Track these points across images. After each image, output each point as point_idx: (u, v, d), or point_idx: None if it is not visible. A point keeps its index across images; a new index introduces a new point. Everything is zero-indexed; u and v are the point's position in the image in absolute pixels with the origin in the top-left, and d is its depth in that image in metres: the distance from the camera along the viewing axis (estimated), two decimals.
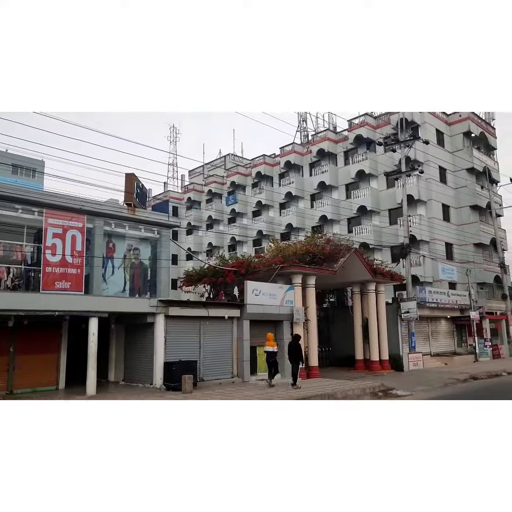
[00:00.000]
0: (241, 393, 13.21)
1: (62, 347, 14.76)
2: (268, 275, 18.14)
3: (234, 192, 41.49)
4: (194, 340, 15.80)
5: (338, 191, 34.00)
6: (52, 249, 14.09)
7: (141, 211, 17.04)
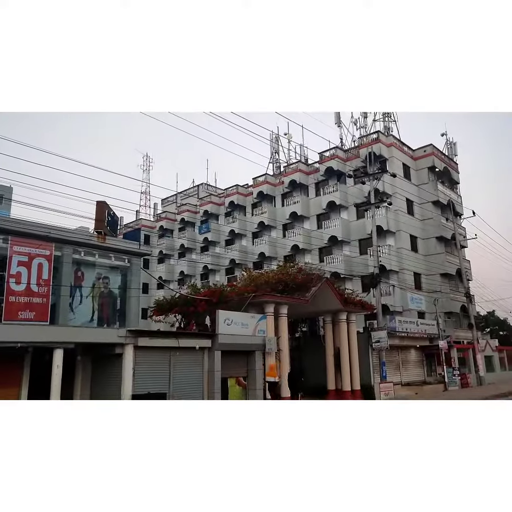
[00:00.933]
0: None
1: (24, 381, 14.06)
2: (240, 304, 18.03)
3: (207, 221, 41.56)
4: (164, 372, 15.38)
5: (309, 221, 34.56)
6: (16, 278, 13.63)
7: (111, 239, 16.79)
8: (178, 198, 46.67)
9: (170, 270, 42.90)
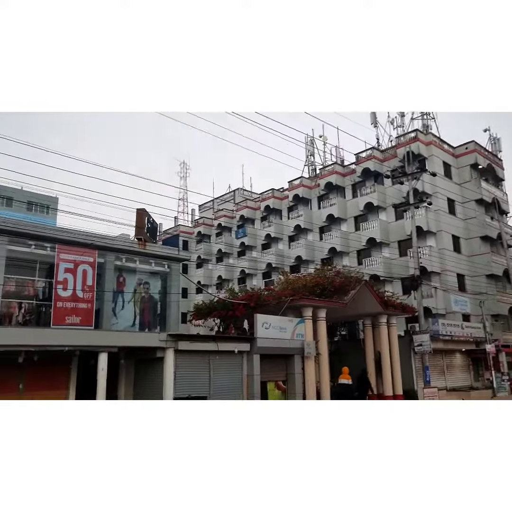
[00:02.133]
0: None
1: (71, 383, 14.61)
2: (278, 308, 18.01)
3: (243, 226, 41.84)
4: (203, 375, 15.58)
5: (347, 223, 34.13)
6: (63, 284, 14.21)
7: (151, 246, 17.21)
8: (215, 203, 47.27)
9: (208, 275, 43.45)
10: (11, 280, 13.81)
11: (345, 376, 15.84)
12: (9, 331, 12.59)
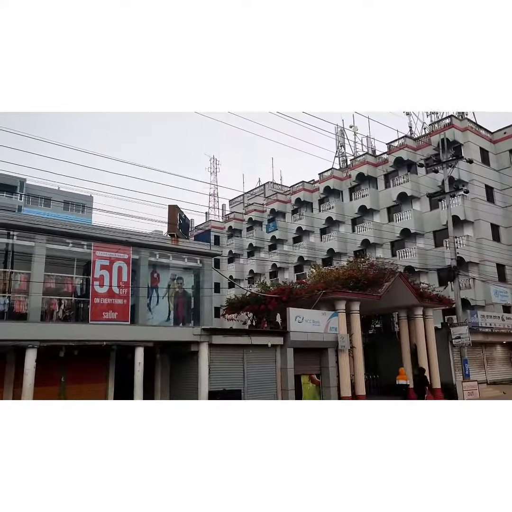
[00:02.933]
0: None
1: (110, 376, 15.05)
2: (310, 301, 17.93)
3: (274, 219, 41.76)
4: (237, 369, 15.71)
5: (379, 214, 33.51)
6: (100, 281, 14.60)
7: (184, 241, 17.43)
8: (245, 198, 47.36)
9: (240, 269, 43.67)
10: (51, 277, 14.30)
11: (402, 376, 16.50)
12: (51, 327, 13.06)
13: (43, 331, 12.62)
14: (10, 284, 13.67)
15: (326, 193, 37.39)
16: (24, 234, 13.84)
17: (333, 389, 17.34)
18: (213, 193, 54.52)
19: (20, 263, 13.82)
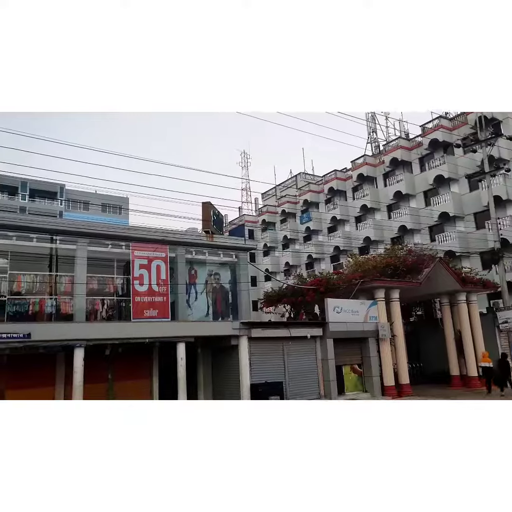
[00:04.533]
0: None
1: (154, 372, 15.47)
2: (348, 291, 17.74)
3: (307, 210, 41.46)
4: (278, 361, 15.78)
5: (416, 199, 32.64)
6: (139, 280, 14.99)
7: (219, 237, 17.61)
8: (277, 190, 47.22)
9: (275, 262, 43.67)
10: (93, 278, 14.81)
11: (486, 359, 17.36)
12: (95, 326, 13.55)
13: (89, 330, 13.11)
14: (56, 286, 14.25)
15: (359, 181, 36.74)
16: (66, 238, 14.38)
17: (376, 379, 17.14)
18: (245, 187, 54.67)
19: (64, 266, 14.38)
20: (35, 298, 13.84)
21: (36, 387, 13.26)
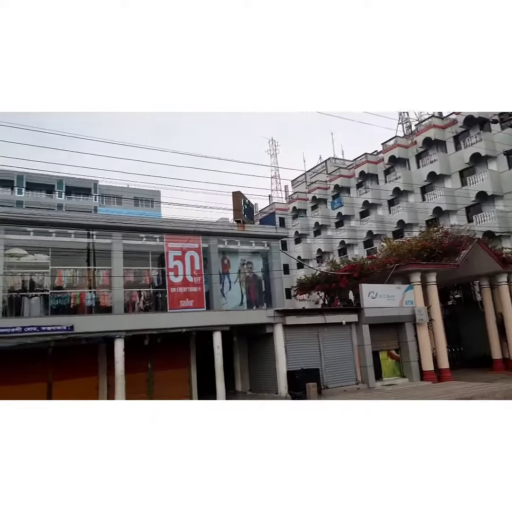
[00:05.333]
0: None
1: (192, 361, 15.79)
2: (383, 276, 17.47)
3: (338, 196, 40.89)
4: (313, 348, 15.79)
5: (451, 179, 31.59)
6: (174, 271, 15.25)
7: (250, 226, 17.66)
8: (307, 177, 46.73)
9: (307, 249, 43.40)
10: (129, 271, 15.18)
11: None
12: (134, 318, 13.92)
13: (128, 322, 13.50)
14: (95, 280, 14.70)
15: (391, 163, 35.86)
16: (102, 233, 14.77)
17: (414, 364, 16.89)
18: (274, 175, 54.36)
19: (101, 260, 14.80)
20: (75, 291, 14.33)
21: (81, 377, 13.80)
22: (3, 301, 13.11)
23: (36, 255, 14.12)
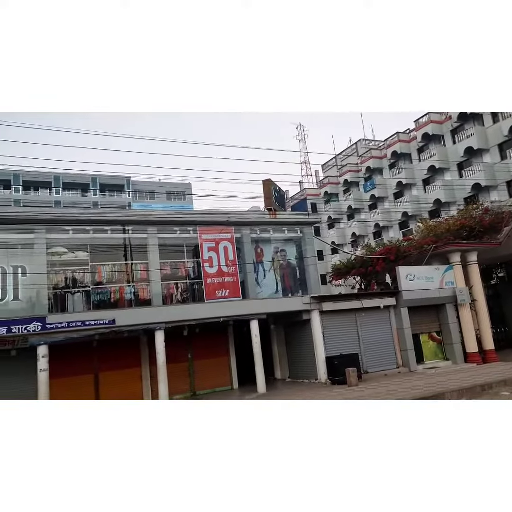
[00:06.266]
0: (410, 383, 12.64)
1: (231, 350, 16.01)
2: (420, 257, 17.05)
3: (371, 177, 40.04)
4: (351, 333, 15.66)
5: (489, 154, 30.29)
6: (209, 262, 15.42)
7: (281, 214, 17.58)
8: (338, 160, 45.98)
9: (341, 234, 42.88)
10: (165, 264, 15.46)
11: None
12: (172, 309, 14.21)
13: (167, 313, 13.80)
14: (133, 274, 15.06)
15: (425, 141, 34.71)
16: (137, 228, 15.08)
17: (457, 346, 16.48)
18: (304, 160, 53.78)
19: (138, 254, 15.13)
20: (115, 286, 14.74)
21: (124, 368, 14.27)
22: (49, 298, 13.65)
23: (76, 253, 14.59)
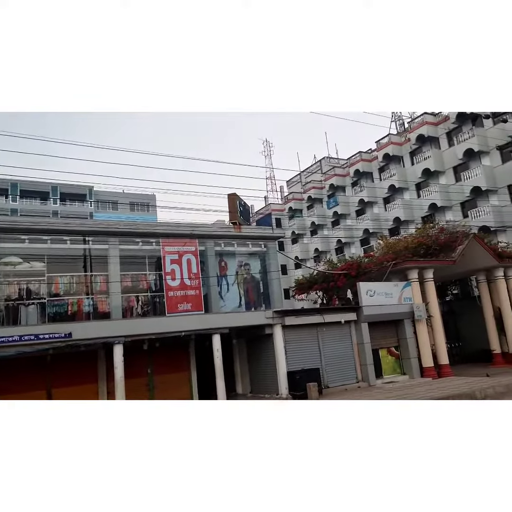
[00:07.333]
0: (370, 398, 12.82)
1: (192, 365, 15.74)
2: (380, 274, 17.49)
3: (334, 195, 40.95)
4: (313, 348, 15.77)
5: (445, 175, 31.70)
6: (171, 275, 15.22)
7: (246, 228, 17.65)
8: (302, 177, 46.79)
9: (304, 249, 43.45)
10: (126, 276, 15.13)
11: None
12: (132, 323, 13.87)
13: (126, 327, 13.44)
14: (92, 286, 14.64)
15: (385, 161, 35.95)
16: (98, 238, 14.73)
17: (414, 360, 16.90)
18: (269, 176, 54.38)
19: (98, 266, 14.74)
20: (73, 298, 14.28)
21: (80, 384, 13.73)
22: (0, 310, 13.04)
23: (32, 263, 14.05)
